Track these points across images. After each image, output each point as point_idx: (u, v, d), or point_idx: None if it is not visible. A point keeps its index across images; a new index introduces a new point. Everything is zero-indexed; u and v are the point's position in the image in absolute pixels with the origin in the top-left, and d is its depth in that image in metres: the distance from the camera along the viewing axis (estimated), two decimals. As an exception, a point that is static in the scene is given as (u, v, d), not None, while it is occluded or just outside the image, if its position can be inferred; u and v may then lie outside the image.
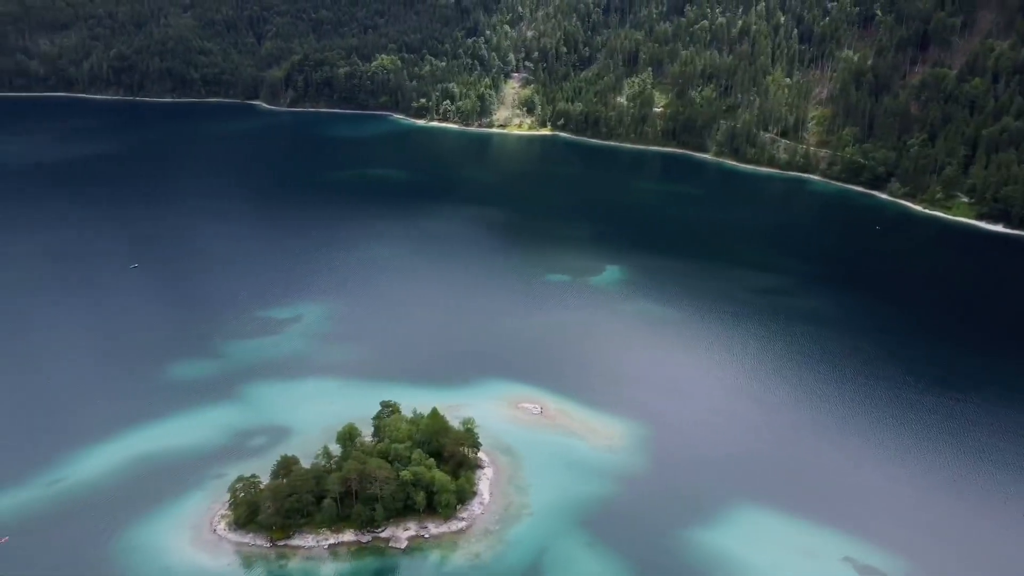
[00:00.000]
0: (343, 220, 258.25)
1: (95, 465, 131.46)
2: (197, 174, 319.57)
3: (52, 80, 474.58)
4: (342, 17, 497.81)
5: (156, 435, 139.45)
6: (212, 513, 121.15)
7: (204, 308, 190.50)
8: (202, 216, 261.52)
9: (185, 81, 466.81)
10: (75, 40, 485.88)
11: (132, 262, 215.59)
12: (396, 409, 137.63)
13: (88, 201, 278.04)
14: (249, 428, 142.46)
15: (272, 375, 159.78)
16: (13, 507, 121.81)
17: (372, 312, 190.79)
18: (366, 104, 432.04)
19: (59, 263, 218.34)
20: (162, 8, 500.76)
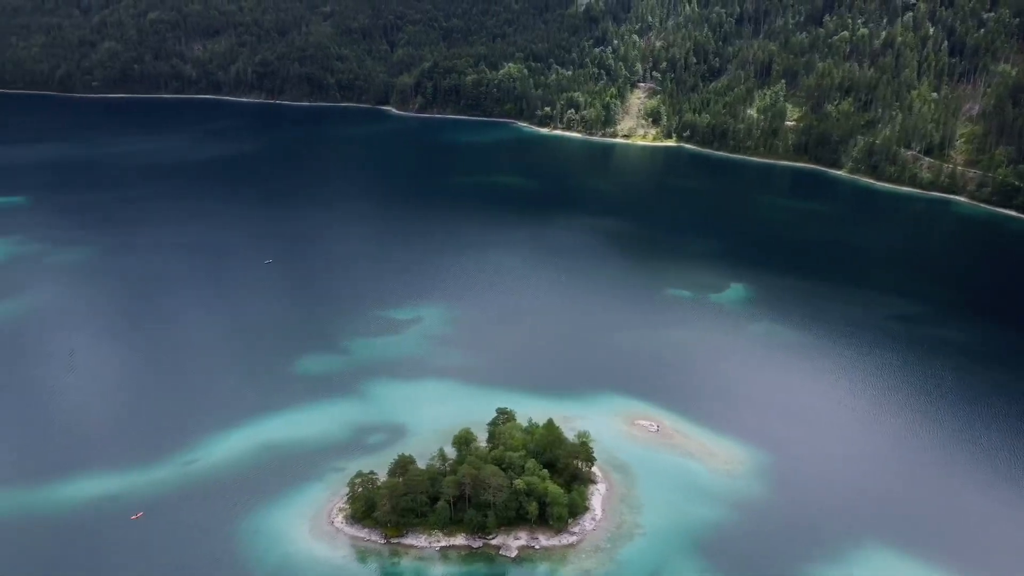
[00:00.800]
0: (466, 225, 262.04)
1: (225, 450, 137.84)
2: (329, 175, 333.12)
3: (202, 83, 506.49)
4: (472, 26, 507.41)
5: (282, 425, 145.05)
6: (331, 505, 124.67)
7: (330, 305, 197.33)
8: (333, 216, 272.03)
9: (321, 86, 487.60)
10: (224, 46, 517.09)
11: (267, 257, 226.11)
12: (511, 417, 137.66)
13: (229, 197, 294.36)
14: (368, 424, 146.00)
15: (392, 374, 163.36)
16: (150, 483, 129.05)
17: (490, 318, 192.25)
18: (491, 111, 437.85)
19: (200, 256, 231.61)
20: (304, 16, 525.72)
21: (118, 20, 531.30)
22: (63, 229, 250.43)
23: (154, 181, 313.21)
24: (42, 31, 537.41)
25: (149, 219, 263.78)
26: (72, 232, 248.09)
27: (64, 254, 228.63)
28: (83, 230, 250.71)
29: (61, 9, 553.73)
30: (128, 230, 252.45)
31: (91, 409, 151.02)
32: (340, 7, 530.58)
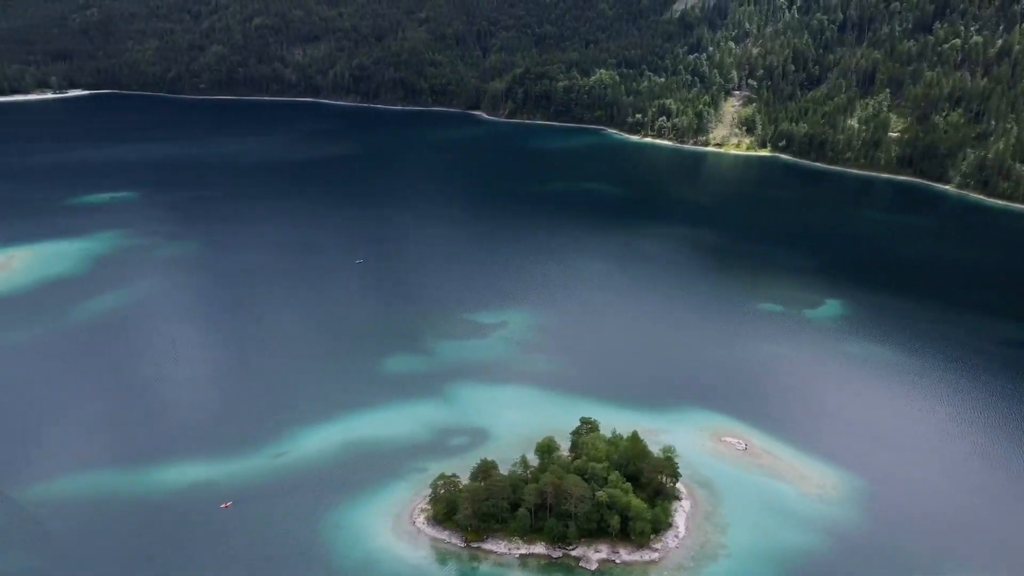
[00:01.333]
0: (553, 231, 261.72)
1: (313, 444, 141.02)
2: (419, 178, 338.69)
3: (301, 86, 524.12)
4: (565, 32, 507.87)
5: (368, 423, 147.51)
6: (413, 505, 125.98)
7: (418, 306, 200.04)
8: (422, 217, 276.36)
9: (415, 90, 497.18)
10: (323, 51, 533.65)
11: (358, 257, 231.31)
12: (595, 427, 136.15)
13: (324, 197, 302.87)
14: (451, 427, 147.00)
15: (476, 378, 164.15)
16: (241, 474, 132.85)
17: (576, 325, 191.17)
18: (581, 118, 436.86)
19: (295, 253, 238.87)
20: (400, 22, 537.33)
21: (225, 25, 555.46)
22: (170, 224, 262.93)
23: (255, 180, 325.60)
24: (156, 36, 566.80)
25: (249, 216, 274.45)
26: (178, 227, 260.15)
27: (170, 248, 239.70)
28: (188, 225, 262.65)
29: (174, 15, 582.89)
30: (229, 226, 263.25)
31: (189, 398, 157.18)
32: (435, 13, 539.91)
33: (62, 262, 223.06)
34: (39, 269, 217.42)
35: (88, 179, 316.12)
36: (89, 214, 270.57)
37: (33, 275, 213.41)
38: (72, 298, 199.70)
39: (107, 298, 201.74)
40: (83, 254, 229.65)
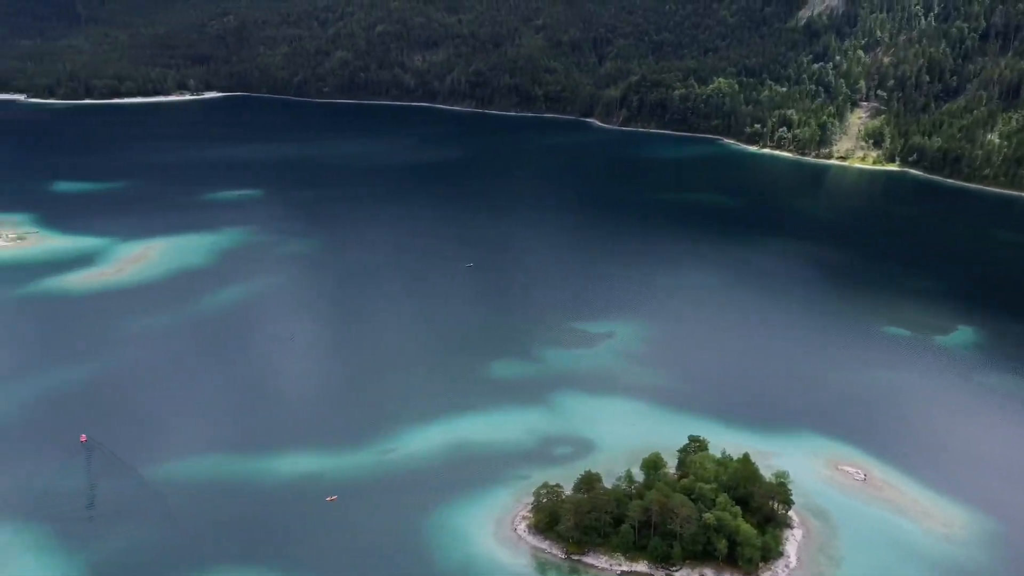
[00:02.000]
0: (666, 241, 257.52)
1: (419, 444, 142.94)
2: (531, 184, 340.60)
3: (419, 91, 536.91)
4: (683, 39, 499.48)
5: (473, 426, 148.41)
6: (514, 512, 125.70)
7: (526, 312, 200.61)
8: (533, 223, 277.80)
9: (529, 97, 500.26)
10: (442, 57, 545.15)
11: (468, 260, 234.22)
12: (704, 446, 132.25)
13: (438, 200, 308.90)
14: (556, 435, 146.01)
15: (582, 387, 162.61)
16: (348, 468, 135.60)
17: (686, 339, 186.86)
18: (697, 127, 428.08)
19: (409, 254, 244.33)
20: (517, 29, 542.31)
21: (350, 32, 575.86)
22: (292, 221, 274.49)
23: (372, 181, 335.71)
24: (285, 42, 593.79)
25: (365, 216, 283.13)
26: (299, 224, 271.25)
27: (291, 244, 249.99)
28: (308, 223, 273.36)
29: (303, 22, 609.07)
30: (346, 226, 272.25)
31: (304, 390, 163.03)
32: (552, 20, 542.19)
33: (193, 254, 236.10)
34: (172, 260, 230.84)
35: (219, 176, 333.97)
36: (219, 210, 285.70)
37: (167, 265, 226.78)
38: (201, 288, 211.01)
39: (232, 290, 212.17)
40: (212, 247, 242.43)
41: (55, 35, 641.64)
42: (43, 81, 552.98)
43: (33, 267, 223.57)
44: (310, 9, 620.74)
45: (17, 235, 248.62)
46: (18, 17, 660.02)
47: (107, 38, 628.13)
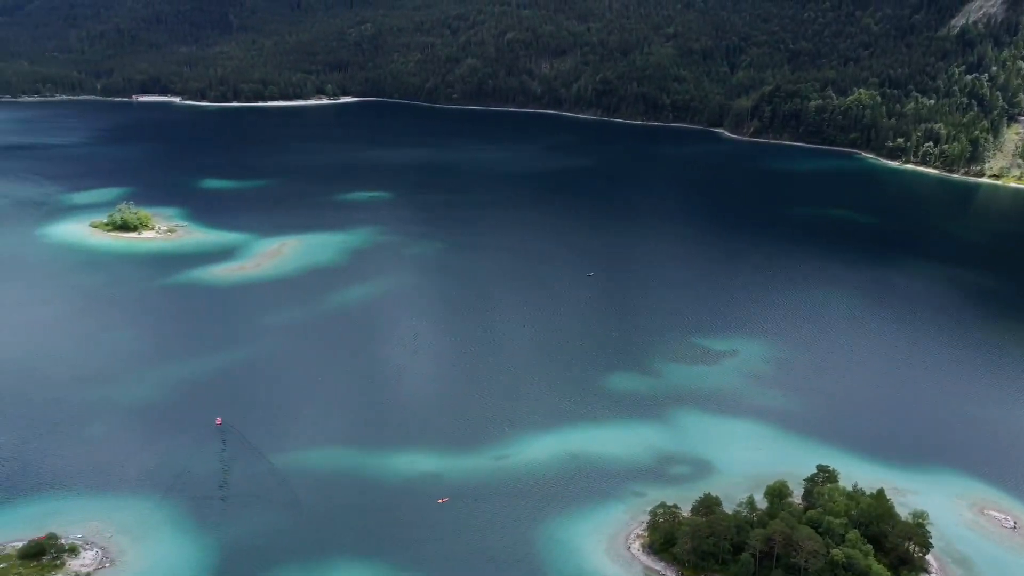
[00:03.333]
0: (794, 257, 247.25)
1: (534, 451, 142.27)
2: (655, 194, 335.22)
3: (545, 99, 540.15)
4: (822, 48, 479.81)
5: (588, 437, 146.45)
6: (629, 530, 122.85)
7: (646, 324, 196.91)
8: (655, 234, 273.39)
9: (656, 106, 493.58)
10: (569, 65, 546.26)
11: (589, 270, 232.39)
12: (833, 476, 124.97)
13: (561, 208, 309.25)
14: (673, 454, 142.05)
15: (702, 406, 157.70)
16: (461, 471, 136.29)
17: (816, 362, 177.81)
18: (833, 140, 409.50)
19: (530, 261, 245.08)
20: (647, 37, 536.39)
21: (481, 40, 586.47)
22: (418, 224, 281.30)
23: (496, 187, 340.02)
24: (418, 49, 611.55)
25: (489, 221, 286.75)
26: (425, 227, 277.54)
27: (417, 246, 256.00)
28: (434, 226, 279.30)
29: (436, 30, 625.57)
30: (471, 230, 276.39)
31: (424, 390, 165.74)
32: (684, 28, 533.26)
33: (324, 252, 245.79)
34: (305, 257, 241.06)
35: (351, 178, 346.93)
36: (349, 210, 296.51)
37: (300, 262, 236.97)
38: (330, 285, 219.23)
39: (359, 288, 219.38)
40: (342, 246, 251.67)
41: (209, 42, 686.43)
42: (196, 85, 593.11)
43: (180, 258, 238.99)
44: (443, 17, 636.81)
45: (168, 228, 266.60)
46: (179, 26, 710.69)
47: (254, 45, 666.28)
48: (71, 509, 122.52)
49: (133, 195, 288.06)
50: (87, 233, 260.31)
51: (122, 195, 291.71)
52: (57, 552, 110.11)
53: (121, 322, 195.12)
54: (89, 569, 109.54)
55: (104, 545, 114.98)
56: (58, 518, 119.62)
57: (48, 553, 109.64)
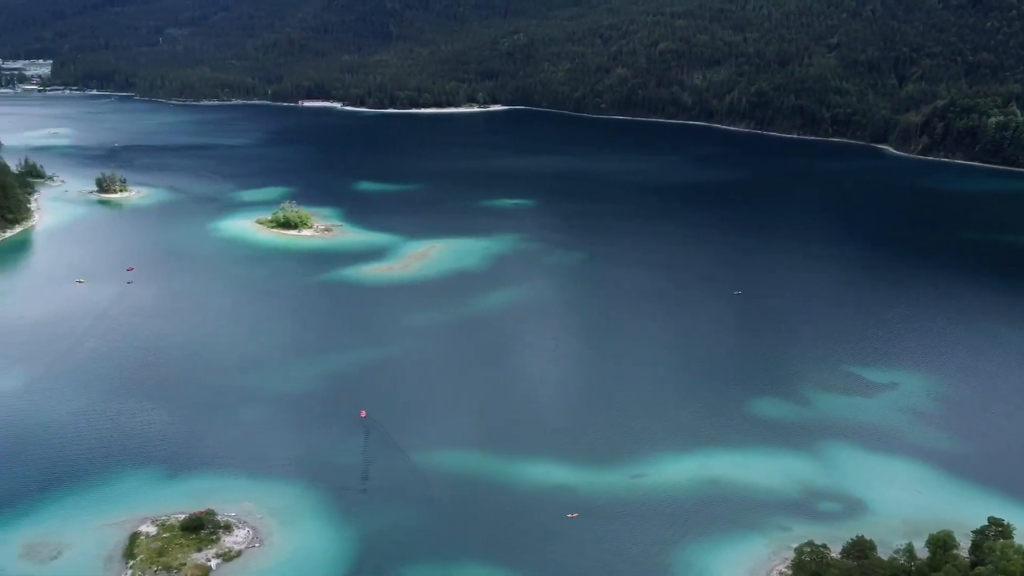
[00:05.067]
0: (963, 288, 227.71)
1: (671, 472, 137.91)
2: (810, 211, 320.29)
3: (696, 110, 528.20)
4: (1006, 61, 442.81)
5: (730, 463, 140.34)
6: (771, 566, 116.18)
7: (796, 348, 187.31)
8: (809, 253, 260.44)
9: (814, 119, 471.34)
10: (723, 75, 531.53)
11: (736, 288, 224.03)
12: (1007, 532, 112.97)
13: (708, 221, 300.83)
14: (821, 488, 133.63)
15: (855, 440, 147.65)
16: (593, 486, 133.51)
17: (986, 402, 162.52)
18: (1015, 160, 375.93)
19: (673, 275, 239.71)
20: (808, 48, 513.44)
21: (632, 49, 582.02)
22: (560, 232, 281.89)
23: (642, 198, 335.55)
24: (568, 59, 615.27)
25: (633, 233, 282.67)
26: (567, 236, 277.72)
27: (558, 255, 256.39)
28: (576, 235, 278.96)
29: (587, 39, 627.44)
30: (614, 241, 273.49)
31: (560, 400, 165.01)
32: (848, 38, 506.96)
33: (468, 256, 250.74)
34: (451, 260, 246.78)
35: (497, 185, 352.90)
36: (495, 216, 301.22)
37: (445, 265, 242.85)
38: (474, 289, 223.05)
39: (502, 294, 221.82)
40: (485, 251, 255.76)
41: (370, 51, 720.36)
42: (356, 91, 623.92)
43: (334, 256, 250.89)
44: (594, 27, 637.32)
45: (325, 227, 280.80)
46: (343, 36, 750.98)
47: (412, 54, 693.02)
48: (226, 488, 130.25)
49: (295, 194, 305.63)
50: (253, 229, 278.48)
51: (285, 194, 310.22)
52: (214, 528, 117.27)
53: (278, 314, 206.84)
54: (240, 547, 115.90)
55: (255, 525, 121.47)
56: (215, 495, 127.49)
57: (206, 527, 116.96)
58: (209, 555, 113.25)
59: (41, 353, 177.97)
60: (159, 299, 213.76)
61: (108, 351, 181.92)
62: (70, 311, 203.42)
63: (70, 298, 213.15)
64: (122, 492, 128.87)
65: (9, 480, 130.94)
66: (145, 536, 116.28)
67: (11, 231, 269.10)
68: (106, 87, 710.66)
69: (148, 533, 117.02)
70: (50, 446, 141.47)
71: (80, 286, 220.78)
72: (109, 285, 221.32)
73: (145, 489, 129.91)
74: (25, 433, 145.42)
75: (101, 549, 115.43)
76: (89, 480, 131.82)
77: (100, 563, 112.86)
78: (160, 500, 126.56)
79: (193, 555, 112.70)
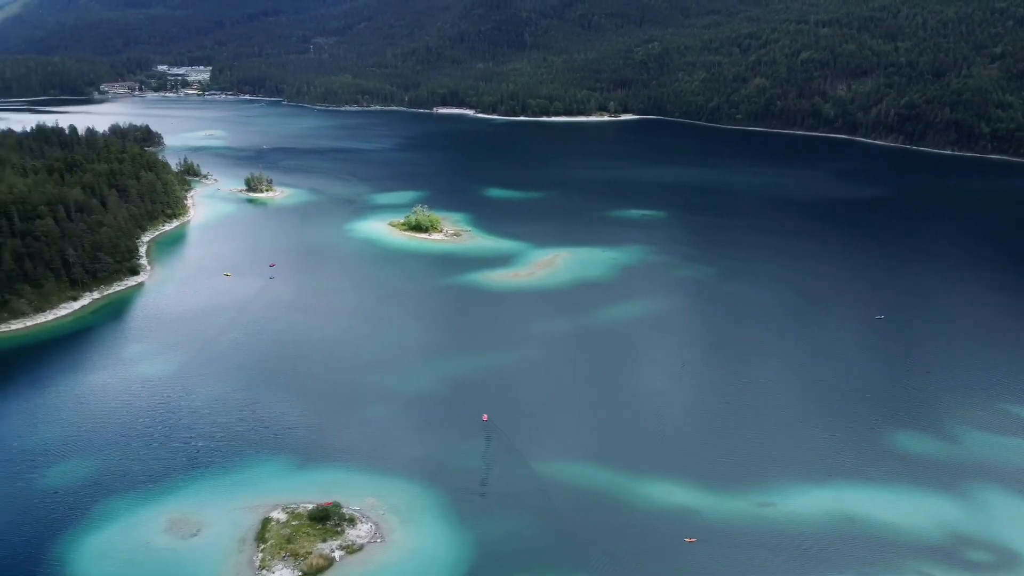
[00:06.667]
0: None
1: (801, 504, 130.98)
2: (964, 233, 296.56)
3: (839, 123, 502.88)
4: None
5: (867, 499, 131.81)
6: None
7: (944, 380, 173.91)
8: (961, 281, 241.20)
9: (971, 135, 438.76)
10: (870, 86, 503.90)
11: (878, 313, 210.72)
12: None
13: (846, 240, 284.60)
14: (971, 535, 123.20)
15: (1012, 484, 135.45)
16: (714, 512, 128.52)
17: None
18: None
19: (807, 296, 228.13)
20: (967, 58, 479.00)
21: (772, 59, 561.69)
22: (690, 246, 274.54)
23: (776, 213, 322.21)
24: (704, 68, 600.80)
25: (766, 249, 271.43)
26: (697, 250, 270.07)
27: (686, 269, 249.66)
28: (707, 249, 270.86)
29: (724, 48, 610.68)
30: (746, 256, 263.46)
31: (684, 420, 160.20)
32: (1014, 47, 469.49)
33: (595, 266, 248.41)
34: (576, 269, 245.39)
35: (625, 195, 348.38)
36: (622, 227, 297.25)
37: (571, 274, 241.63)
38: (599, 300, 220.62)
39: (628, 306, 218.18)
40: (613, 262, 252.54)
41: (504, 59, 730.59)
42: (488, 99, 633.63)
43: (462, 260, 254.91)
44: (733, 36, 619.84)
45: (454, 231, 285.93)
46: (479, 44, 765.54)
47: (545, 62, 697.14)
48: (351, 482, 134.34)
49: (426, 198, 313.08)
50: (386, 231, 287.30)
51: (417, 198, 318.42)
52: (339, 520, 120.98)
53: (406, 315, 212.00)
54: (363, 541, 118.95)
55: (377, 521, 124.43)
56: (340, 488, 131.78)
57: (332, 519, 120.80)
58: (333, 546, 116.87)
59: (190, 341, 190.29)
60: (297, 295, 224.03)
61: (248, 342, 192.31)
62: (217, 302, 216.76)
63: (217, 290, 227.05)
64: (256, 478, 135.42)
65: (158, 458, 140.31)
66: (276, 522, 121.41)
67: (170, 225, 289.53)
68: (257, 92, 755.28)
69: (278, 520, 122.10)
70: (194, 429, 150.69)
71: (227, 279, 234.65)
72: (253, 279, 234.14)
73: (277, 477, 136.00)
74: (173, 416, 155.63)
75: (235, 531, 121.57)
76: (227, 464, 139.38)
77: (234, 544, 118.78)
78: (290, 488, 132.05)
79: (318, 545, 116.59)
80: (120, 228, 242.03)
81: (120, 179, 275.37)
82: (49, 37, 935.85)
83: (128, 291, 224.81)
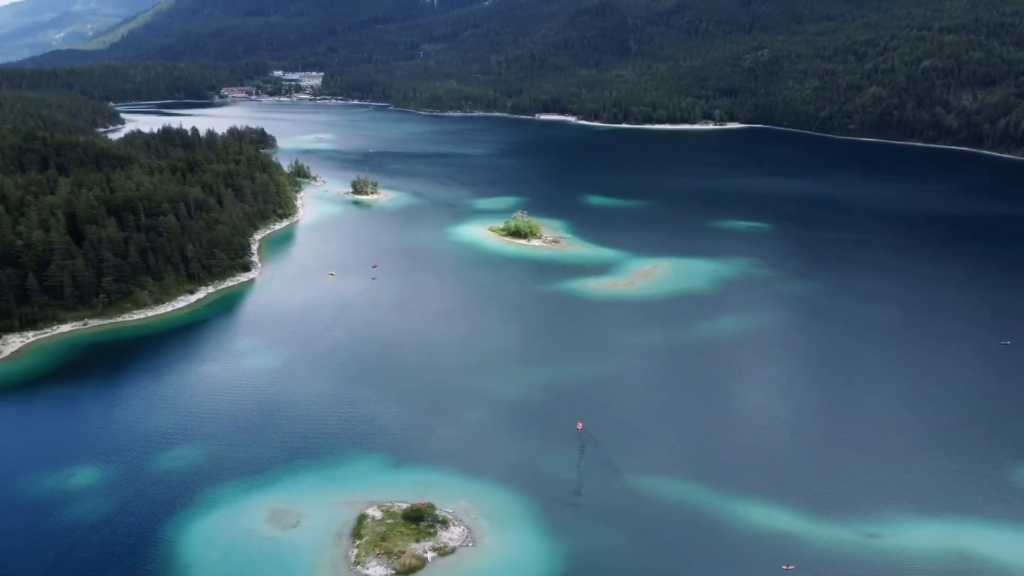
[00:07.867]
0: None
1: (913, 538, 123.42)
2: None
3: (962, 134, 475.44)
4: None
5: (986, 537, 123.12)
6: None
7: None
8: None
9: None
10: (998, 97, 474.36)
11: (1004, 338, 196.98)
12: None
13: (970, 260, 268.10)
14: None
15: None
16: (817, 540, 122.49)
17: None
18: None
19: (923, 318, 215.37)
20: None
21: (890, 67, 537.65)
22: (797, 260, 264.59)
23: (891, 229, 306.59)
24: (816, 76, 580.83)
25: (879, 266, 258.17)
26: (804, 264, 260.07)
27: (792, 284, 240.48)
28: (814, 264, 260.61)
29: (838, 56, 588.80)
30: (856, 273, 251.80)
31: (788, 441, 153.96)
32: None
33: (696, 278, 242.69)
34: (677, 280, 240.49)
35: (730, 205, 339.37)
36: (725, 238, 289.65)
37: (671, 285, 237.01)
38: (699, 313, 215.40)
39: (729, 320, 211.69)
40: (715, 274, 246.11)
41: (608, 66, 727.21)
42: (591, 106, 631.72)
43: (560, 267, 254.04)
44: (848, 43, 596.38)
45: (552, 238, 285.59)
46: (583, 51, 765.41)
47: (649, 70, 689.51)
48: (445, 484, 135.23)
49: (527, 205, 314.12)
50: (486, 236, 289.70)
51: (517, 204, 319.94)
52: (432, 521, 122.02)
53: (503, 320, 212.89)
54: (455, 544, 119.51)
55: (469, 524, 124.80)
56: (434, 489, 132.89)
57: (425, 520, 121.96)
58: (426, 547, 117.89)
59: (295, 337, 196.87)
60: (397, 296, 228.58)
61: (349, 341, 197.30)
62: (322, 300, 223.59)
63: (322, 288, 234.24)
64: (353, 474, 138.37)
65: (262, 450, 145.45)
66: (371, 519, 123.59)
67: (280, 224, 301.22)
68: (366, 97, 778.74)
69: (374, 517, 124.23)
70: (296, 423, 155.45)
71: (332, 278, 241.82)
72: (356, 279, 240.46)
73: (373, 474, 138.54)
74: (277, 409, 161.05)
75: (332, 525, 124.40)
76: (326, 458, 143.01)
77: (331, 538, 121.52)
78: (386, 486, 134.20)
79: (412, 545, 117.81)
80: (235, 226, 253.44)
81: (236, 179, 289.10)
82: (176, 44, 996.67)
83: (240, 287, 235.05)
